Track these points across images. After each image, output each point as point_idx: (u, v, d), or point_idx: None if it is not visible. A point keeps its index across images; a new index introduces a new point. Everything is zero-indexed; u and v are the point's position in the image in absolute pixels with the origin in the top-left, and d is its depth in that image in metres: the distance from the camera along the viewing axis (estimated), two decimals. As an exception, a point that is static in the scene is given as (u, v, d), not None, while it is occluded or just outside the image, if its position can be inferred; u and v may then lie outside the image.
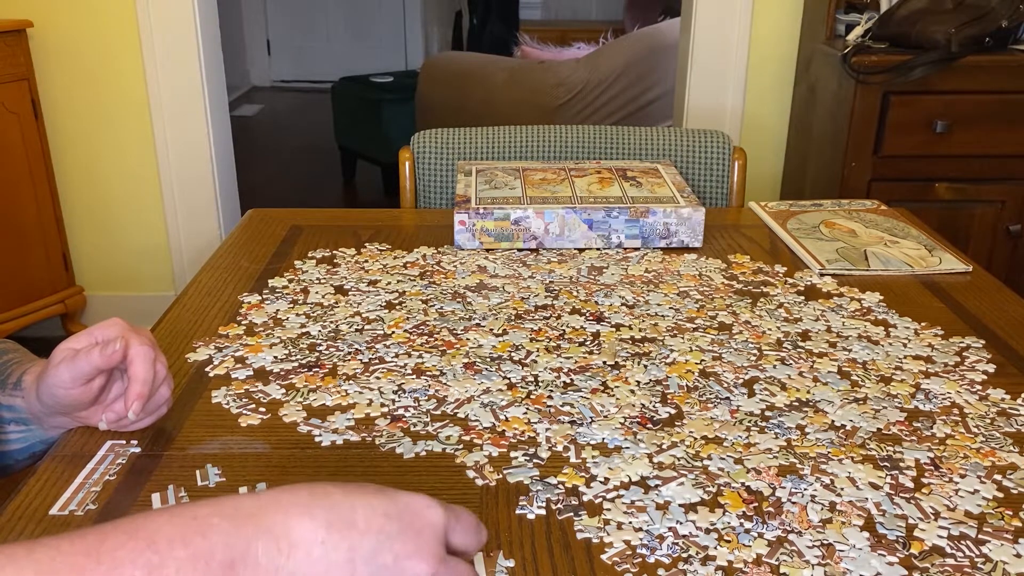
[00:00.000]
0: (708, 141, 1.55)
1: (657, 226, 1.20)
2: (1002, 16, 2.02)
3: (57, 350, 0.71)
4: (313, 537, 0.47)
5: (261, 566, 0.46)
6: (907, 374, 0.88)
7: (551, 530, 0.65)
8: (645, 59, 3.54)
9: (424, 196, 1.55)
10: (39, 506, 0.67)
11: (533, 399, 0.82)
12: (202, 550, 0.45)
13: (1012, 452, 0.75)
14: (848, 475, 0.71)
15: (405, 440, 0.76)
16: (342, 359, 0.90)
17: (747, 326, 0.98)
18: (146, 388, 0.71)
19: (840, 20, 2.32)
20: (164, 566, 0.43)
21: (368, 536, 0.48)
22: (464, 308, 1.02)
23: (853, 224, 1.28)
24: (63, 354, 0.70)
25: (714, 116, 2.55)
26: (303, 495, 0.48)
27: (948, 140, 2.08)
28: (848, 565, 0.61)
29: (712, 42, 2.50)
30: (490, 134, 1.58)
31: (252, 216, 1.35)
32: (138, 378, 0.71)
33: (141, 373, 0.71)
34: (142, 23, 2.47)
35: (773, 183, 2.64)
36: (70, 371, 0.69)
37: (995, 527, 0.66)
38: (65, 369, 0.69)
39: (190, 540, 0.45)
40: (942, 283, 1.11)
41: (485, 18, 5.78)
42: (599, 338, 0.94)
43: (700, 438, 0.76)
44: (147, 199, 2.66)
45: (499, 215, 1.18)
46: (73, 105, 2.56)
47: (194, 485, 0.70)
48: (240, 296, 1.05)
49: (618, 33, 4.95)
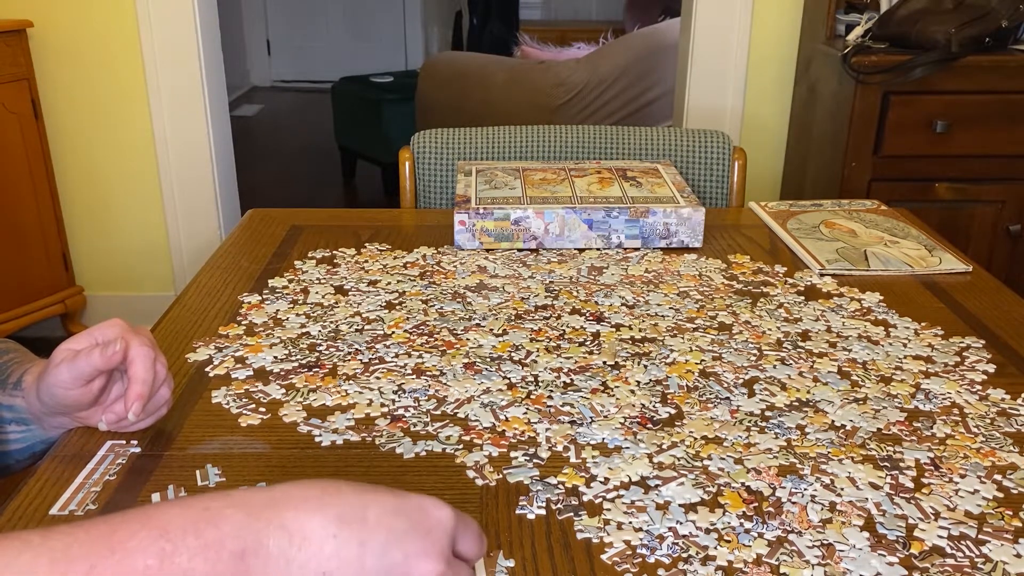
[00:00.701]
0: (708, 141, 1.55)
1: (657, 226, 1.20)
2: (1002, 16, 2.02)
3: (57, 351, 0.71)
4: (325, 532, 0.47)
5: (272, 557, 0.46)
6: (907, 374, 0.88)
7: (551, 530, 0.65)
8: (645, 59, 3.54)
9: (424, 196, 1.55)
10: (39, 506, 0.67)
11: (533, 399, 0.82)
12: (214, 539, 0.45)
13: (1012, 452, 0.75)
14: (848, 475, 0.71)
15: (405, 440, 0.76)
16: (342, 359, 0.90)
17: (747, 326, 0.98)
18: (146, 388, 0.71)
19: (840, 20, 2.32)
20: (177, 554, 0.44)
21: (379, 532, 0.48)
22: (464, 308, 1.02)
23: (853, 224, 1.28)
24: (63, 355, 0.70)
25: (714, 116, 2.55)
26: (315, 490, 0.49)
27: (948, 140, 2.08)
28: (848, 565, 0.61)
29: (712, 42, 2.50)
30: (490, 134, 1.58)
31: (252, 216, 1.35)
32: (138, 379, 0.71)
33: (141, 374, 0.71)
34: (142, 23, 2.47)
35: (773, 183, 2.64)
36: (70, 371, 0.69)
37: (995, 527, 0.66)
38: (65, 369, 0.69)
39: (202, 530, 0.45)
40: (942, 283, 1.11)
41: (485, 18, 5.78)
42: (599, 338, 0.94)
43: (700, 438, 0.76)
44: (147, 199, 2.66)
45: (499, 215, 1.18)
46: (73, 105, 2.56)
47: (194, 485, 0.70)
48: (240, 296, 1.05)
49: (618, 33, 4.95)
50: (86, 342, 0.71)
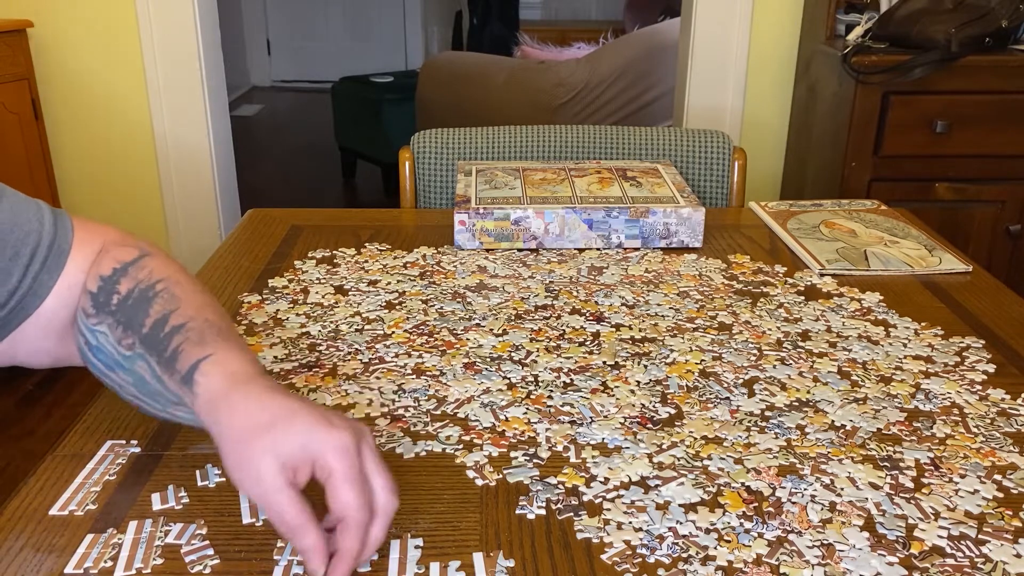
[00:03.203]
0: (708, 141, 1.55)
1: (657, 226, 1.20)
2: (1002, 16, 2.02)
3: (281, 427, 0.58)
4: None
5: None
6: (907, 374, 0.88)
7: (551, 530, 0.65)
8: (645, 59, 3.54)
9: (424, 196, 1.55)
10: (39, 506, 0.67)
11: (533, 399, 0.82)
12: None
13: (1012, 452, 0.75)
14: (848, 475, 0.71)
15: (405, 440, 0.76)
16: (342, 359, 0.90)
17: (747, 326, 0.98)
18: (350, 565, 0.58)
19: (840, 20, 2.32)
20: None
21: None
22: (464, 308, 1.02)
23: (853, 224, 1.28)
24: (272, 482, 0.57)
25: (714, 116, 2.55)
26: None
27: (948, 140, 2.08)
28: (848, 565, 0.61)
29: (712, 42, 2.50)
30: (490, 134, 1.58)
31: (252, 216, 1.35)
32: (345, 555, 0.58)
33: (349, 546, 0.58)
34: (142, 23, 2.47)
35: (773, 183, 2.64)
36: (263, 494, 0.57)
37: (995, 527, 0.66)
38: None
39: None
40: (942, 283, 1.11)
41: (485, 18, 5.78)
42: (599, 338, 0.94)
43: (700, 438, 0.76)
44: (147, 199, 2.66)
45: (499, 215, 1.18)
46: (73, 105, 2.56)
47: (194, 485, 0.70)
48: (240, 296, 1.05)
49: (618, 33, 4.95)
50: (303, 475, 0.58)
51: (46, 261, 0.70)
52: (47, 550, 0.62)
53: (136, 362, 0.67)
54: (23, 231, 0.70)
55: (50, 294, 0.70)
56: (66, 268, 0.71)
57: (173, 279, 0.70)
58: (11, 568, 0.61)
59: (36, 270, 0.70)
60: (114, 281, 0.69)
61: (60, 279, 0.71)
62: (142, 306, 0.67)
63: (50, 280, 0.70)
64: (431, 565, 0.61)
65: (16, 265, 0.69)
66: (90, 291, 0.69)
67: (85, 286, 0.70)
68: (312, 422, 0.58)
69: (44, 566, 0.61)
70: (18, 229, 0.69)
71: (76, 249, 0.72)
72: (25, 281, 0.69)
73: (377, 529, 0.59)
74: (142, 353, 0.66)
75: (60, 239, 0.71)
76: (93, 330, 0.68)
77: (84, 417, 0.79)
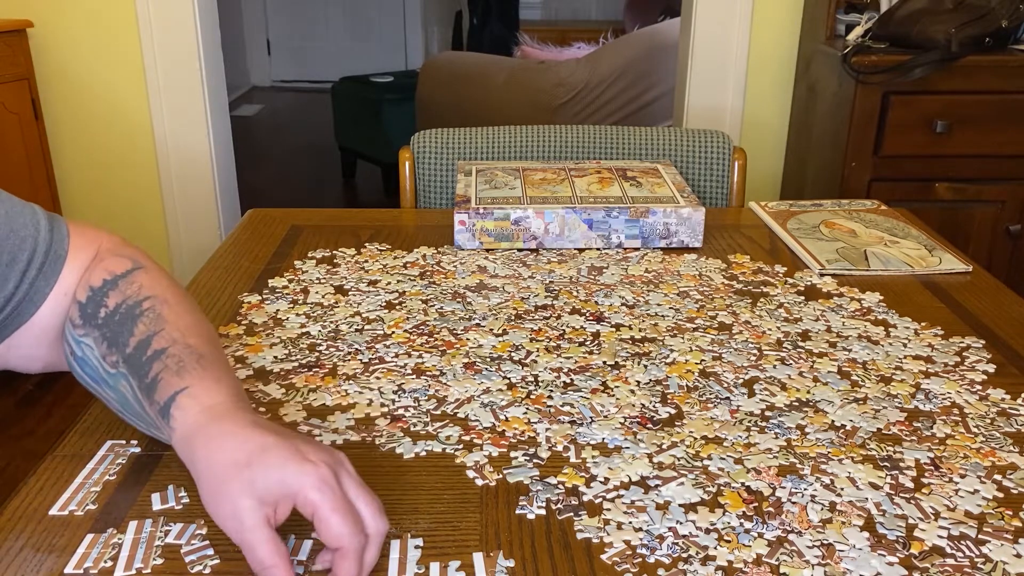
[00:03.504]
0: (708, 141, 1.55)
1: (657, 226, 1.20)
2: (1002, 16, 2.02)
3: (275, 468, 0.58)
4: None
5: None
6: (907, 374, 0.88)
7: (551, 530, 0.65)
8: (645, 59, 3.54)
9: (424, 196, 1.55)
10: (39, 506, 0.67)
11: (533, 399, 0.82)
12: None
13: (1012, 452, 0.75)
14: (848, 475, 0.71)
15: (405, 440, 0.76)
16: (342, 359, 0.90)
17: (747, 326, 0.98)
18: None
19: (840, 20, 2.32)
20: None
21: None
22: (464, 308, 1.02)
23: (853, 224, 1.28)
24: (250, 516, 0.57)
25: (714, 116, 2.55)
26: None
27: (948, 140, 2.08)
28: (848, 565, 0.61)
29: (712, 42, 2.50)
30: (490, 134, 1.58)
31: (252, 216, 1.35)
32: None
33: (347, 571, 0.58)
34: (142, 23, 2.47)
35: (773, 183, 2.64)
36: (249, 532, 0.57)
37: (995, 527, 0.66)
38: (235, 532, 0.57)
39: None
40: (942, 283, 1.11)
41: (485, 18, 5.78)
42: (599, 338, 0.94)
43: (700, 438, 0.76)
44: (147, 199, 2.66)
45: (499, 215, 1.18)
46: (73, 105, 2.56)
47: (194, 485, 0.70)
48: (240, 296, 1.05)
49: (618, 33, 4.95)
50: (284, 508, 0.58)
51: (43, 267, 0.70)
52: (47, 550, 0.62)
53: (120, 381, 0.67)
54: (19, 236, 0.69)
55: (45, 301, 0.70)
56: (61, 274, 0.71)
57: (161, 297, 0.69)
58: (11, 568, 0.61)
59: (33, 276, 0.69)
60: (103, 293, 0.69)
61: (56, 286, 0.70)
62: (127, 324, 0.67)
63: (46, 287, 0.70)
64: (431, 565, 0.61)
65: (13, 271, 0.68)
66: (79, 301, 0.69)
67: (75, 295, 0.70)
68: (286, 458, 0.58)
69: (44, 566, 0.61)
70: (14, 235, 0.69)
71: (71, 255, 0.71)
72: (22, 287, 0.69)
73: (371, 553, 0.59)
74: (125, 373, 0.66)
75: (56, 245, 0.71)
76: (79, 341, 0.68)
77: (84, 417, 0.79)
